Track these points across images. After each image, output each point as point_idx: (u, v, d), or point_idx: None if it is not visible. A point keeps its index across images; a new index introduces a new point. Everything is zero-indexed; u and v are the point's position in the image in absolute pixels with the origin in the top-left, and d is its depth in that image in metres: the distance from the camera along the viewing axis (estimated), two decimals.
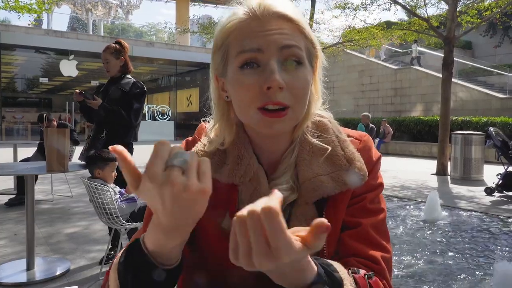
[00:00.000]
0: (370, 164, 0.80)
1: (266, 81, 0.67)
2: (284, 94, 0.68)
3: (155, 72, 27.30)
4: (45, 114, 6.22)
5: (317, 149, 0.77)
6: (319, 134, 0.79)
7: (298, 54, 0.70)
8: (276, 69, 0.67)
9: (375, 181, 0.81)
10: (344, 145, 0.78)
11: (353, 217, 0.76)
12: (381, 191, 0.82)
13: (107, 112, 3.32)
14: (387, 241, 0.78)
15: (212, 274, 0.80)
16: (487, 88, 16.48)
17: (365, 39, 12.76)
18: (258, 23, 0.70)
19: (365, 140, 0.83)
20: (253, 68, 0.69)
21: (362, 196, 0.78)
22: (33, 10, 9.32)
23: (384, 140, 13.92)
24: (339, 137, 0.79)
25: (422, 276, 3.25)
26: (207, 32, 14.95)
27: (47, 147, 2.89)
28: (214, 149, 0.79)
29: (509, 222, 5.01)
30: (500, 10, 10.08)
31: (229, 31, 0.72)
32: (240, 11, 0.72)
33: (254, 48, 0.68)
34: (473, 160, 8.83)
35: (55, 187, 6.39)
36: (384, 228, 0.79)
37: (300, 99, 0.70)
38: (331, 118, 0.83)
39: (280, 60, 0.69)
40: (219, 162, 0.79)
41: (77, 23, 44.99)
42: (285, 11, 0.71)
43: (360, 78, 20.03)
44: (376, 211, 0.79)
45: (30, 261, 3.12)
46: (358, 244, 0.74)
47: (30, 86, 25.73)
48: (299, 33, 0.71)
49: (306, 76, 0.71)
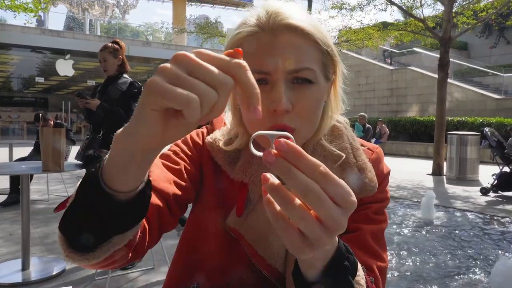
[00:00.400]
0: (380, 177, 0.79)
1: (272, 103, 0.64)
2: (291, 116, 0.66)
3: (151, 72, 27.23)
4: (41, 113, 6.20)
5: (330, 154, 0.76)
6: (332, 140, 0.78)
7: (309, 75, 0.66)
8: (282, 93, 0.64)
9: (383, 195, 0.80)
10: (357, 153, 0.78)
11: (354, 222, 0.75)
12: (387, 205, 0.82)
13: (106, 112, 3.32)
14: (383, 250, 0.77)
15: (212, 274, 0.79)
16: (483, 89, 16.57)
17: (361, 39, 12.79)
18: (267, 38, 0.65)
19: (377, 152, 0.83)
20: (262, 85, 0.65)
21: (368, 205, 0.78)
22: (29, 9, 9.30)
23: (380, 140, 13.95)
24: (352, 144, 0.79)
25: (417, 276, 3.26)
26: (204, 32, 14.93)
27: (43, 147, 2.88)
28: (230, 144, 0.79)
29: (504, 222, 5.04)
30: (495, 11, 10.13)
31: (238, 42, 0.68)
32: (251, 19, 0.68)
33: (261, 71, 0.65)
34: (469, 160, 8.88)
35: (51, 187, 6.36)
36: (382, 238, 0.79)
37: (308, 120, 0.69)
38: (347, 125, 0.82)
39: (288, 79, 0.66)
40: (233, 157, 0.79)
41: (73, 23, 44.83)
42: (296, 22, 0.65)
43: (357, 79, 20.08)
44: (378, 221, 0.79)
45: (26, 261, 3.11)
46: (355, 249, 0.70)
47: (26, 86, 25.65)
48: (312, 46, 0.67)
49: (316, 95, 0.68)
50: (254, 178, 0.76)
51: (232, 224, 0.76)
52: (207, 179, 0.82)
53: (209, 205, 0.80)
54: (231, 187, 0.79)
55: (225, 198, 0.79)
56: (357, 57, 20.45)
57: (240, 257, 0.76)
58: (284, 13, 0.66)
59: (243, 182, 0.77)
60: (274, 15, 0.66)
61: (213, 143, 0.80)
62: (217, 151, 0.79)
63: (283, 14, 0.66)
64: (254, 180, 0.76)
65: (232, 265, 0.77)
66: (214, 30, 15.20)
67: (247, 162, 0.77)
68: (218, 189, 0.81)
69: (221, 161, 0.79)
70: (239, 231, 0.75)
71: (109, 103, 3.35)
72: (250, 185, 0.77)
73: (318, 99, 0.69)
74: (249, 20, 0.68)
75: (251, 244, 0.74)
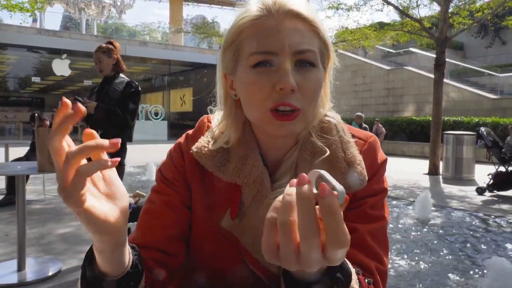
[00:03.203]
0: (374, 167, 0.77)
1: (279, 82, 0.65)
2: (296, 96, 0.67)
3: (148, 72, 27.20)
4: (37, 113, 6.17)
5: (318, 150, 0.75)
6: (322, 135, 0.77)
7: (312, 57, 0.68)
8: (289, 71, 0.66)
9: (378, 185, 0.77)
10: (346, 146, 0.75)
11: (350, 222, 0.70)
12: (384, 196, 0.78)
13: (106, 112, 3.32)
14: (384, 251, 0.74)
15: (211, 274, 0.79)
16: (479, 89, 16.63)
17: (358, 39, 12.81)
18: (273, 21, 0.68)
19: (370, 141, 0.80)
20: (266, 67, 0.67)
21: (363, 200, 0.75)
22: (25, 9, 9.26)
23: None
24: (342, 138, 0.77)
25: (414, 275, 3.27)
26: (201, 32, 14.91)
27: (38, 147, 2.88)
28: (218, 146, 0.77)
29: (500, 222, 5.06)
30: (491, 11, 10.17)
31: (242, 28, 0.70)
32: (254, 7, 0.71)
33: (269, 51, 0.67)
34: (465, 160, 8.91)
35: (47, 187, 6.34)
36: (383, 236, 0.76)
37: (312, 101, 0.69)
38: (338, 118, 0.80)
39: (293, 61, 0.67)
40: (222, 160, 0.77)
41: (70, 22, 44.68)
42: (300, 9, 0.69)
43: (353, 78, 20.12)
44: (376, 218, 0.75)
45: (21, 261, 3.09)
46: (352, 250, 0.68)
47: (22, 85, 25.52)
48: (313, 33, 0.70)
49: (319, 78, 0.70)
50: (247, 180, 0.75)
51: (227, 227, 0.75)
52: (196, 185, 0.81)
53: (202, 209, 0.80)
54: (222, 189, 0.78)
55: (217, 200, 0.79)
56: (353, 57, 20.50)
57: (238, 258, 0.76)
58: (288, 1, 0.69)
59: (236, 184, 0.76)
60: (278, 2, 0.69)
61: (199, 152, 0.78)
62: (206, 159, 0.77)
63: (287, 2, 0.69)
64: (247, 182, 0.75)
65: (232, 265, 0.77)
66: (211, 30, 15.16)
67: (240, 163, 0.76)
68: (208, 193, 0.80)
69: (211, 168, 0.77)
70: (234, 233, 0.75)
71: (107, 104, 3.35)
72: (243, 187, 0.76)
73: (320, 82, 0.71)
74: (252, 6, 0.71)
75: (245, 246, 0.74)
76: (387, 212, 0.78)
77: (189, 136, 0.84)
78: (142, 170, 9.02)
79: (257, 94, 0.68)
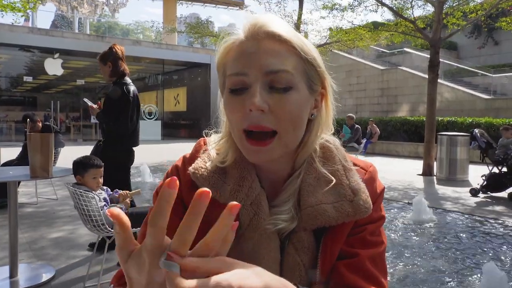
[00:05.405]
0: (373, 196, 0.78)
1: (247, 103, 0.66)
2: (268, 118, 0.67)
3: (142, 71, 27.07)
4: (29, 115, 6.09)
5: (323, 177, 0.75)
6: (325, 162, 0.77)
7: (286, 78, 0.68)
8: (257, 92, 0.66)
9: (377, 214, 0.79)
10: (350, 174, 0.77)
11: (351, 247, 0.74)
12: (382, 223, 0.81)
13: (102, 122, 3.48)
14: (384, 276, 0.76)
15: None
16: (472, 89, 16.73)
17: (352, 39, 12.82)
18: (252, 44, 0.69)
19: (370, 170, 0.82)
20: (242, 91, 0.68)
21: (363, 227, 0.76)
22: (17, 9, 9.15)
23: (371, 140, 14.02)
24: (345, 166, 0.78)
25: (409, 278, 3.27)
26: (195, 31, 14.84)
27: (30, 154, 2.84)
28: (215, 167, 0.77)
29: (493, 223, 5.08)
30: (484, 12, 10.22)
31: (226, 51, 0.73)
32: (239, 30, 0.72)
33: (240, 72, 0.68)
34: (459, 161, 8.95)
35: (40, 189, 6.28)
36: (382, 261, 0.78)
37: (288, 123, 0.68)
38: (338, 144, 0.81)
39: (266, 82, 0.67)
40: (218, 181, 0.77)
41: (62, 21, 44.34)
42: (278, 30, 0.69)
43: (347, 78, 20.16)
44: (376, 244, 0.77)
45: (13, 268, 3.05)
46: (353, 276, 0.71)
47: (14, 85, 25.29)
48: (292, 54, 0.69)
49: (296, 100, 0.69)
50: (245, 202, 0.74)
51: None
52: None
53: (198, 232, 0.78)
54: (218, 212, 0.77)
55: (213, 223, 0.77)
56: (348, 56, 20.53)
57: None
58: (266, 23, 0.70)
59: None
60: (256, 25, 0.70)
61: (196, 172, 0.77)
62: (202, 180, 0.76)
63: (265, 24, 0.70)
64: (245, 204, 0.74)
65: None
66: (205, 30, 15.07)
67: (237, 185, 0.75)
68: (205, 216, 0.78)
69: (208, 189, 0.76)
70: (231, 255, 0.73)
71: (104, 112, 3.50)
72: (241, 209, 0.74)
73: (299, 104, 0.69)
74: (238, 30, 0.73)
75: None
76: (384, 237, 0.81)
77: (186, 159, 0.85)
78: (136, 171, 8.95)
79: (233, 117, 0.70)
